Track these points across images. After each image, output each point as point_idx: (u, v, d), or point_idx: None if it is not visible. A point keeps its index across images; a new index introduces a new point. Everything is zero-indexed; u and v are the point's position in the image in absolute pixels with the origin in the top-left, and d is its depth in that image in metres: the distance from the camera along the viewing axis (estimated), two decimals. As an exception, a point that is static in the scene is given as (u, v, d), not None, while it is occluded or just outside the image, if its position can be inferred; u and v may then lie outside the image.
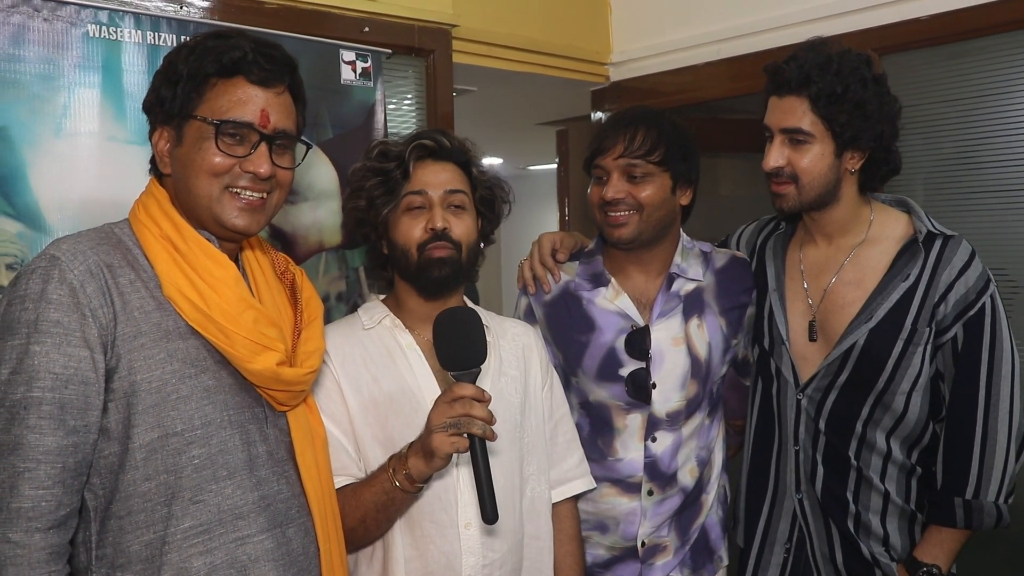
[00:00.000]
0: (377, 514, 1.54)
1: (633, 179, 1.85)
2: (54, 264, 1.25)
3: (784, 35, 2.81)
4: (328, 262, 2.36)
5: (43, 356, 1.22)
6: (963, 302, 1.76)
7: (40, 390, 1.22)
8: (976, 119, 2.54)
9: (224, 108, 1.35)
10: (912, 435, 1.83)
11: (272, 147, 1.39)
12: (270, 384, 1.38)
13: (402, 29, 2.61)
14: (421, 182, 1.67)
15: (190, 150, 1.36)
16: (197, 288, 1.33)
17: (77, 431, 1.24)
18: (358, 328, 1.72)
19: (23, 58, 1.89)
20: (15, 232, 1.88)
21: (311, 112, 2.30)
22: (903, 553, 1.84)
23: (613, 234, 1.88)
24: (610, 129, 1.89)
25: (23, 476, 1.20)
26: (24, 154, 1.88)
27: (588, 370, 1.92)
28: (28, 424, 1.21)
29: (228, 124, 1.35)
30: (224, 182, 1.36)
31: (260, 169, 1.37)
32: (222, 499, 1.33)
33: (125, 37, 2.02)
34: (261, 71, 1.37)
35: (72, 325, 1.24)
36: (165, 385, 1.29)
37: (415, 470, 1.48)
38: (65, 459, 1.23)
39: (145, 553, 1.28)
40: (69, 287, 1.24)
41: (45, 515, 1.22)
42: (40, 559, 1.21)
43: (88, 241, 1.32)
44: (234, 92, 1.36)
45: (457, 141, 1.73)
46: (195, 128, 1.36)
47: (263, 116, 1.37)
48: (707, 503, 1.98)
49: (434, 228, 1.64)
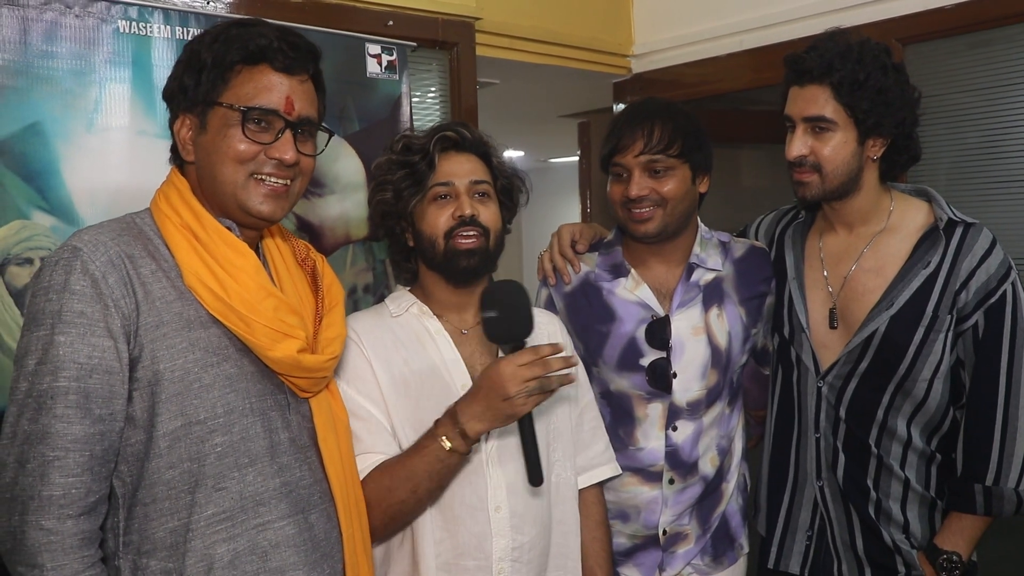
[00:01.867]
0: (430, 482, 1.55)
1: (655, 174, 1.86)
2: (76, 255, 1.26)
3: (807, 25, 2.80)
4: (355, 254, 2.38)
5: (68, 346, 1.23)
6: (984, 290, 1.76)
7: (66, 380, 1.23)
8: (1000, 108, 2.52)
9: (250, 95, 1.35)
10: (932, 422, 1.83)
11: (296, 134, 1.39)
12: (291, 371, 1.39)
13: (426, 22, 2.64)
14: (447, 173, 1.69)
15: (215, 137, 1.36)
16: (217, 277, 1.33)
17: (103, 419, 1.26)
18: (386, 316, 1.74)
19: (55, 54, 1.91)
20: (49, 226, 1.90)
21: (337, 105, 2.33)
22: (923, 540, 1.84)
23: (639, 230, 1.89)
24: (626, 126, 1.88)
25: (53, 464, 1.22)
26: (57, 149, 1.90)
27: (609, 360, 1.93)
28: (55, 413, 1.22)
29: (255, 111, 1.35)
30: (249, 169, 1.36)
31: (286, 156, 1.37)
32: (244, 486, 1.34)
33: (154, 32, 2.04)
34: (286, 58, 1.37)
35: (95, 315, 1.25)
36: (187, 374, 1.30)
37: (472, 431, 1.51)
38: (92, 447, 1.25)
39: (170, 540, 1.30)
40: (91, 278, 1.25)
41: (76, 502, 1.23)
42: (73, 545, 1.23)
43: (109, 232, 1.32)
44: (260, 79, 1.36)
45: (477, 133, 1.76)
46: (220, 115, 1.36)
47: (288, 103, 1.37)
48: (728, 491, 1.99)
49: (462, 215, 1.66)
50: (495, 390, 1.48)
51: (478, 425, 1.51)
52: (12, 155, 1.85)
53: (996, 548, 2.06)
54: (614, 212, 1.95)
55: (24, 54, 1.87)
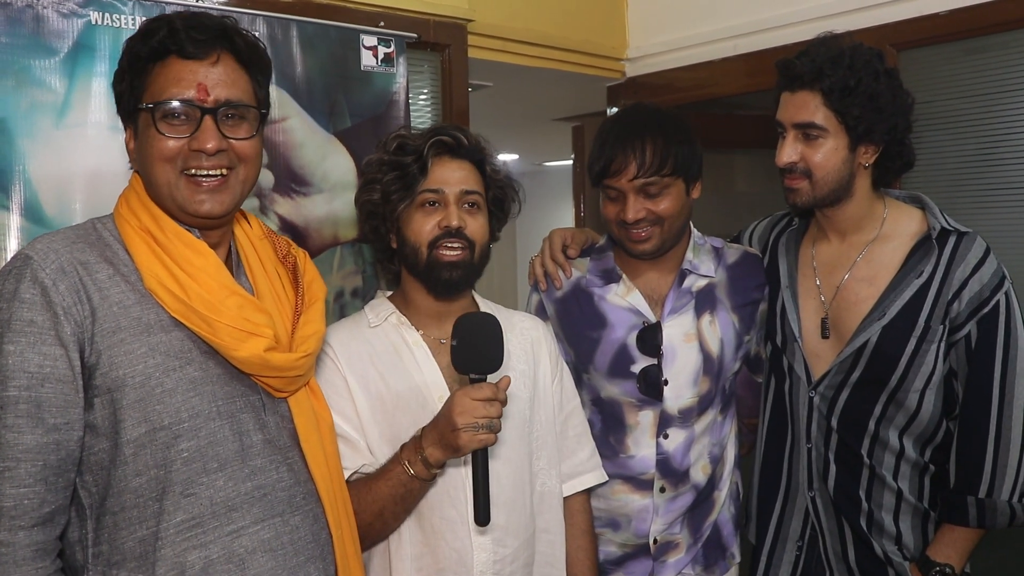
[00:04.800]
0: (395, 506, 1.55)
1: (650, 196, 1.83)
2: (27, 264, 1.25)
3: (802, 30, 2.79)
4: (343, 256, 2.32)
5: (17, 355, 1.22)
6: (977, 299, 1.74)
7: (16, 389, 1.22)
8: (996, 115, 2.52)
9: (160, 90, 1.32)
10: (925, 433, 1.82)
11: (218, 120, 1.34)
12: (261, 371, 1.36)
13: (418, 23, 2.62)
14: (438, 180, 1.67)
15: (142, 141, 1.34)
16: (177, 278, 1.31)
17: (58, 428, 1.24)
18: (364, 326, 1.72)
19: (22, 47, 1.84)
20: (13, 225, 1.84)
21: (328, 100, 2.28)
22: (916, 552, 1.83)
23: (636, 248, 1.88)
24: (618, 147, 1.82)
25: (3, 475, 1.20)
26: (22, 146, 1.84)
27: (600, 366, 1.92)
28: (5, 423, 1.21)
29: (162, 105, 1.31)
30: (179, 166, 1.33)
31: (207, 145, 1.33)
32: (214, 491, 1.32)
33: (129, 25, 1.95)
34: (191, 44, 1.33)
35: (45, 324, 1.23)
36: (149, 379, 1.28)
37: (432, 457, 1.50)
38: (46, 456, 1.23)
39: (139, 549, 1.28)
40: (41, 286, 1.24)
41: (28, 513, 1.21)
42: (25, 556, 1.21)
43: (64, 239, 1.31)
44: (168, 72, 1.33)
45: (473, 139, 1.73)
46: (143, 119, 1.34)
47: (201, 89, 1.33)
48: (719, 500, 1.98)
49: (448, 226, 1.64)
50: (448, 419, 1.47)
51: (436, 452, 1.50)
52: (-26, 153, 1.79)
53: (989, 559, 2.05)
54: (609, 229, 1.93)
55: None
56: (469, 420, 1.45)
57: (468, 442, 1.45)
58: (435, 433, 1.49)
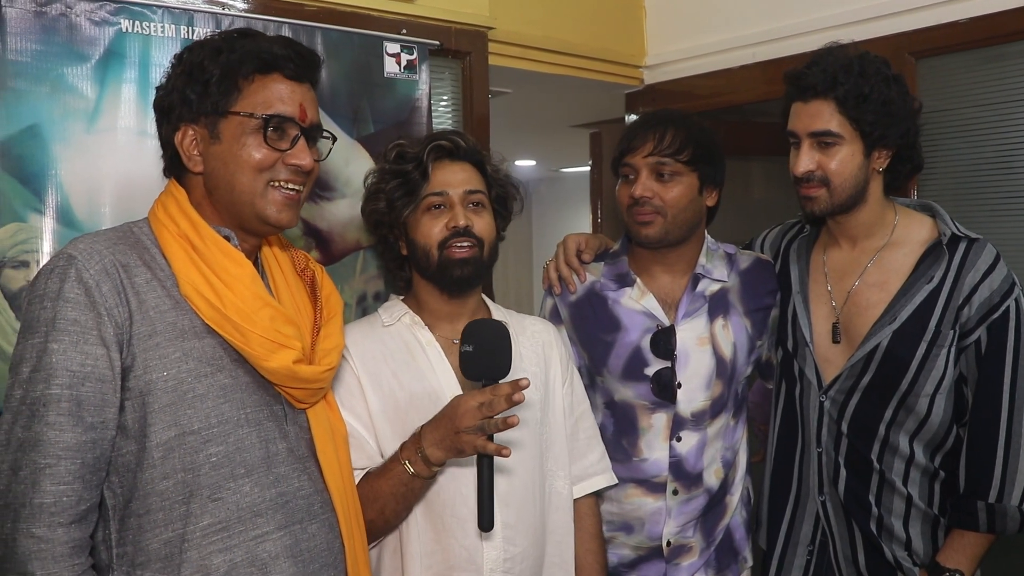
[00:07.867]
0: (396, 504, 1.56)
1: (661, 177, 1.87)
2: (71, 263, 1.27)
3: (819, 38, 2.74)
4: (366, 260, 2.33)
5: (61, 354, 1.24)
6: (987, 305, 1.75)
7: (58, 387, 1.23)
8: (1013, 123, 2.50)
9: (266, 103, 1.37)
10: (935, 438, 1.82)
11: (308, 140, 1.41)
12: (287, 382, 1.39)
13: (440, 31, 2.65)
14: (441, 182, 1.70)
15: (231, 146, 1.36)
16: (213, 286, 1.33)
17: (95, 427, 1.26)
18: (378, 326, 1.75)
19: (55, 55, 1.86)
20: (45, 229, 1.85)
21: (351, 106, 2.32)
22: (926, 557, 1.83)
23: (640, 232, 1.90)
24: (639, 128, 1.91)
25: (44, 472, 1.22)
26: (55, 151, 1.86)
27: (613, 370, 1.93)
28: (47, 421, 1.23)
29: (274, 118, 1.37)
30: (267, 177, 1.37)
31: (303, 162, 1.39)
32: (240, 497, 1.34)
33: (158, 32, 1.99)
34: (296, 67, 1.39)
35: (88, 323, 1.25)
36: (181, 384, 1.30)
37: (433, 457, 1.51)
38: (84, 455, 1.24)
39: (165, 551, 1.29)
40: (85, 286, 1.25)
41: (66, 510, 1.23)
42: (63, 553, 1.23)
43: (105, 240, 1.32)
44: (273, 88, 1.38)
45: (471, 141, 1.77)
46: (235, 124, 1.36)
47: (301, 110, 1.39)
48: (732, 504, 1.98)
49: (456, 226, 1.67)
50: (452, 420, 1.48)
51: (437, 452, 1.51)
52: (9, 158, 1.80)
53: (999, 564, 2.04)
54: (621, 215, 1.96)
55: (23, 55, 1.83)
56: (471, 423, 1.46)
57: (469, 445, 1.47)
58: (436, 434, 1.51)
